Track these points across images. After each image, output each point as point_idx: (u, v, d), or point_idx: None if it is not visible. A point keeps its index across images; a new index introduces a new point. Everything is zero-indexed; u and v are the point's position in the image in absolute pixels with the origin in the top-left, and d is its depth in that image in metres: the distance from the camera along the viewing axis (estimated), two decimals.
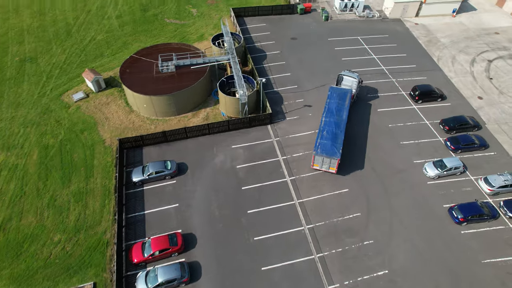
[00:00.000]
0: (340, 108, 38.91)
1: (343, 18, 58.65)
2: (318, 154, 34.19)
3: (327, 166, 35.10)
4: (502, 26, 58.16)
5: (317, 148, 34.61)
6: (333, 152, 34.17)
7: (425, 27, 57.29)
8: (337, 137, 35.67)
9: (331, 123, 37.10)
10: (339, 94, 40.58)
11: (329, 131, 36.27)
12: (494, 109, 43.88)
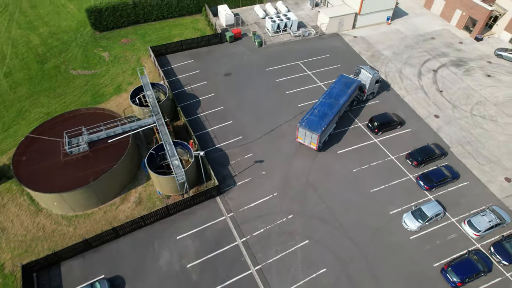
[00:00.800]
0: (340, 94, 39.31)
1: (278, 41, 52.99)
2: (302, 127, 35.90)
3: (309, 141, 36.62)
4: (436, 30, 56.56)
5: (303, 121, 36.37)
6: (316, 128, 35.48)
7: (365, 40, 53.72)
8: (326, 117, 36.74)
9: (326, 105, 38.03)
10: (345, 82, 40.86)
11: (321, 111, 37.42)
12: (453, 127, 41.04)
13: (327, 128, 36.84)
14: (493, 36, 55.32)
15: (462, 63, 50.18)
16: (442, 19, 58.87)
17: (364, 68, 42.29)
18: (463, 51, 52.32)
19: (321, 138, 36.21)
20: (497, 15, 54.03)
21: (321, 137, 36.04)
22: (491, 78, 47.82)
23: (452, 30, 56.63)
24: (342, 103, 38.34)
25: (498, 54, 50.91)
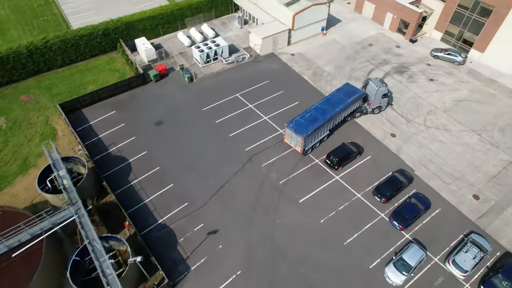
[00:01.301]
0: (338, 102, 38.07)
1: (210, 72, 47.22)
2: (289, 128, 35.46)
3: (295, 143, 36.19)
4: (372, 35, 54.66)
5: (291, 122, 35.91)
6: (302, 131, 34.80)
7: (303, 57, 49.95)
8: (316, 122, 35.86)
9: (320, 110, 37.15)
10: (347, 91, 39.38)
11: (313, 115, 36.60)
12: (412, 145, 38.64)
13: (315, 134, 35.97)
14: (425, 36, 54.70)
15: (404, 68, 48.50)
16: (374, 23, 57.19)
17: (372, 80, 40.26)
18: (402, 55, 50.78)
19: (306, 142, 35.38)
20: (426, 16, 53.32)
21: (306, 141, 35.22)
22: (434, 82, 46.58)
23: (387, 33, 55.11)
24: (337, 111, 37.09)
25: (435, 55, 50.06)
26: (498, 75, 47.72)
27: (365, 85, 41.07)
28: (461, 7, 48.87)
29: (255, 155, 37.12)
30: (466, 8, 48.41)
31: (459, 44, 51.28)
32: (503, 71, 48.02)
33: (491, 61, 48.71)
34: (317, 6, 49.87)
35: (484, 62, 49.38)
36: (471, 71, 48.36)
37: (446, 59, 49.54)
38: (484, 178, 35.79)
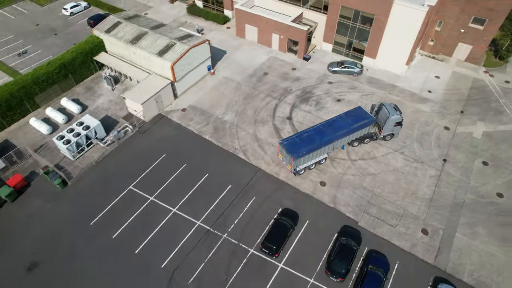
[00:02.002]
0: (342, 126, 35.41)
1: (87, 163, 36.70)
2: (282, 145, 33.72)
3: (286, 162, 35.03)
4: (264, 62, 49.51)
5: (285, 140, 34.00)
6: (293, 151, 32.83)
7: (197, 109, 42.35)
8: (311, 144, 33.58)
9: (319, 132, 34.75)
10: (356, 116, 36.44)
11: (310, 136, 34.34)
12: (345, 189, 34.50)
13: (310, 156, 33.80)
14: (317, 50, 51.74)
15: (308, 94, 44.49)
16: (262, 46, 52.26)
17: (385, 106, 37.23)
18: (301, 79, 46.75)
19: (297, 164, 33.45)
20: (311, 30, 50.18)
21: (297, 163, 33.27)
22: (341, 102, 43.53)
23: (279, 56, 50.63)
24: (338, 136, 34.66)
25: (333, 71, 47.22)
26: (395, 78, 46.88)
27: (378, 110, 38.31)
28: (344, 18, 46.54)
29: (176, 271, 28.82)
30: (348, 18, 46.20)
31: (351, 53, 49.36)
32: (398, 73, 47.42)
33: (385, 65, 47.73)
34: (196, 48, 42.51)
35: (379, 68, 48.25)
36: (370, 80, 46.66)
37: (345, 73, 47.07)
38: (424, 205, 33.45)
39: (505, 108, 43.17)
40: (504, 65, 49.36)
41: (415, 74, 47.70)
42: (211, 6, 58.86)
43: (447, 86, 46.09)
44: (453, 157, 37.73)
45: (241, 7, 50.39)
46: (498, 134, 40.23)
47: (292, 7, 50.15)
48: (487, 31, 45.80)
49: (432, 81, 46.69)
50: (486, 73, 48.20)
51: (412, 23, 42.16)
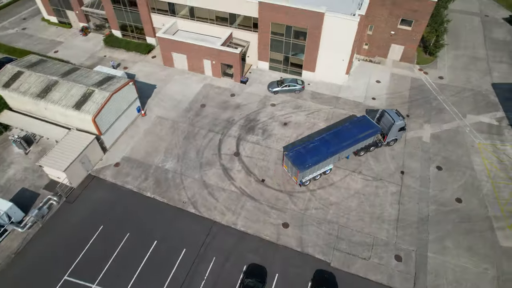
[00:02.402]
0: (348, 136, 35.01)
1: (4, 256, 30.06)
2: (287, 157, 33.17)
3: (291, 174, 34.36)
4: (199, 91, 45.27)
5: (291, 151, 33.55)
6: (299, 163, 32.35)
7: (132, 161, 37.11)
8: (317, 155, 33.15)
9: (325, 143, 34.36)
10: (362, 126, 36.02)
11: (316, 147, 33.94)
12: (310, 227, 31.92)
13: (315, 168, 33.27)
14: (253, 69, 48.71)
15: (252, 123, 41.31)
16: (195, 74, 48.00)
17: (388, 112, 36.84)
18: (242, 105, 43.42)
19: (303, 176, 32.88)
20: (242, 47, 46.94)
21: (302, 175, 32.67)
22: (288, 125, 41.00)
23: (214, 82, 46.77)
24: (344, 147, 34.31)
25: (274, 91, 44.53)
26: (337, 89, 45.45)
27: (380, 117, 37.57)
28: (276, 34, 43.94)
29: None
30: (281, 34, 43.70)
31: (289, 68, 47.06)
32: (339, 84, 46.06)
33: (325, 77, 46.11)
34: (118, 92, 37.23)
35: (320, 80, 46.52)
36: (313, 95, 44.73)
37: (287, 91, 44.63)
38: (392, 228, 32.00)
39: (445, 106, 43.61)
40: (435, 61, 50.28)
41: (356, 81, 46.70)
42: (131, 35, 53.19)
43: (389, 90, 45.65)
44: (409, 167, 36.91)
45: (164, 35, 45.66)
46: (444, 134, 40.30)
47: (220, 28, 46.52)
48: (415, 31, 46.02)
49: (374, 87, 45.99)
50: (421, 70, 48.69)
51: (346, 34, 40.73)
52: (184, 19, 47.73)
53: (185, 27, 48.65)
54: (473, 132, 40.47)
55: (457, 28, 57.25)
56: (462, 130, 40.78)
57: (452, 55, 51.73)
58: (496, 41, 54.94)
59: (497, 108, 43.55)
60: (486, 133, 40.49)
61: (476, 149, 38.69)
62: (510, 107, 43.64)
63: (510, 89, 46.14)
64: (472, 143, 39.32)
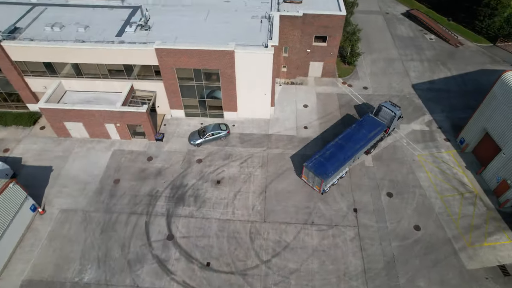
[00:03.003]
0: (360, 138, 35.85)
1: None
2: (307, 168, 33.32)
3: (313, 183, 34.22)
4: (109, 162, 37.42)
5: (310, 162, 33.74)
6: (322, 172, 32.72)
7: (36, 285, 28.67)
8: (337, 161, 33.65)
9: (340, 147, 34.95)
10: (370, 125, 37.13)
11: (333, 153, 34.44)
12: None
13: (336, 174, 33.48)
14: (168, 120, 42.20)
15: (180, 190, 35.08)
16: (100, 140, 39.88)
17: (384, 105, 38.25)
18: (164, 169, 36.84)
19: (326, 183, 33.07)
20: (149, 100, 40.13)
21: (326, 183, 33.01)
22: (222, 182, 35.70)
23: (124, 146, 39.21)
24: (358, 149, 35.13)
25: (197, 144, 38.73)
26: (266, 125, 41.23)
27: (378, 112, 38.67)
28: (184, 79, 38.04)
29: None
30: (190, 79, 37.93)
31: (208, 111, 41.57)
32: (267, 118, 41.93)
33: (251, 114, 41.63)
34: None
35: (245, 118, 41.89)
36: (242, 138, 39.92)
37: (211, 141, 39.18)
38: (361, 283, 28.79)
39: None
40: (355, 70, 48.84)
41: (284, 111, 42.99)
42: (6, 104, 42.86)
43: (319, 113, 42.75)
44: (360, 202, 34.19)
45: (47, 105, 36.85)
46: (384, 153, 38.54)
47: (117, 81, 39.10)
48: (331, 46, 43.65)
49: (303, 113, 42.70)
50: (345, 83, 46.78)
51: (263, 67, 36.46)
52: (70, 78, 39.28)
53: (74, 86, 40.17)
54: (410, 144, 39.33)
55: (366, 30, 56.84)
56: (399, 144, 39.42)
57: (369, 61, 50.84)
58: (401, 38, 55.64)
59: (423, 111, 43.24)
60: (421, 142, 39.65)
61: (417, 163, 37.49)
62: (433, 108, 43.68)
63: (428, 88, 46.42)
64: (412, 157, 38.08)
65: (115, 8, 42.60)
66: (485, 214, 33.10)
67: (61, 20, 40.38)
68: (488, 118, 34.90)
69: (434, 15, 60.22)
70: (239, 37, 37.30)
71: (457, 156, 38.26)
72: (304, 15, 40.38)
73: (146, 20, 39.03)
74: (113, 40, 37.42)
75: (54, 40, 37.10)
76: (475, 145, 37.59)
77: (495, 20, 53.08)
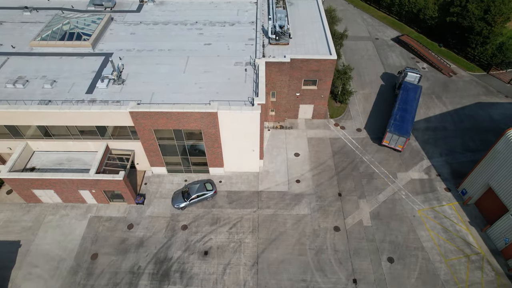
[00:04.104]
0: (412, 99, 43.75)
1: None
2: (391, 132, 39.67)
3: (395, 143, 40.35)
4: (85, 232, 33.93)
5: (391, 126, 40.15)
6: (404, 132, 39.48)
7: None
8: (408, 120, 41.08)
9: (404, 110, 42.26)
10: (412, 88, 45.08)
11: (402, 116, 41.46)
12: None
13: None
14: (150, 179, 38.77)
15: (165, 264, 31.86)
16: (74, 205, 36.31)
17: (409, 70, 46.62)
18: (146, 239, 33.47)
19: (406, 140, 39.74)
20: (127, 159, 36.72)
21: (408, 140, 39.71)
22: (211, 253, 32.59)
23: (102, 212, 35.66)
24: (415, 108, 42.90)
25: (181, 207, 35.53)
26: (255, 180, 38.29)
27: (404, 76, 46.97)
28: (164, 139, 34.79)
29: None
30: (171, 139, 34.71)
31: (193, 168, 38.44)
32: (256, 171, 38.98)
33: (238, 168, 38.70)
34: None
35: (232, 172, 38.92)
36: (230, 197, 36.89)
37: (197, 202, 36.08)
38: None
39: (373, 168, 39.57)
40: (347, 109, 46.27)
41: (274, 161, 40.14)
42: None
43: (311, 163, 40.02)
44: (360, 270, 31.62)
45: (11, 174, 33.13)
46: (383, 209, 36.07)
47: (91, 141, 35.59)
48: (321, 89, 40.91)
49: (294, 164, 39.92)
50: (337, 125, 44.13)
51: (250, 126, 33.46)
52: (37, 139, 35.61)
53: (43, 147, 36.51)
54: (409, 197, 36.97)
55: (356, 60, 54.40)
56: (398, 196, 37.02)
57: (361, 96, 48.36)
58: (392, 67, 53.29)
59: (421, 155, 40.96)
60: (421, 193, 37.32)
61: (418, 219, 35.14)
62: (431, 151, 41.46)
63: (425, 128, 44.19)
64: (412, 212, 35.71)
65: (85, 56, 38.98)
66: (494, 281, 30.90)
67: (25, 72, 36.72)
68: (492, 174, 32.69)
69: (425, 40, 58.06)
70: (222, 89, 34.27)
71: (459, 209, 36.06)
72: (292, 60, 37.52)
73: (119, 73, 35.58)
74: (83, 98, 33.91)
75: (17, 100, 33.40)
76: (478, 197, 35.44)
77: (487, 48, 51.16)
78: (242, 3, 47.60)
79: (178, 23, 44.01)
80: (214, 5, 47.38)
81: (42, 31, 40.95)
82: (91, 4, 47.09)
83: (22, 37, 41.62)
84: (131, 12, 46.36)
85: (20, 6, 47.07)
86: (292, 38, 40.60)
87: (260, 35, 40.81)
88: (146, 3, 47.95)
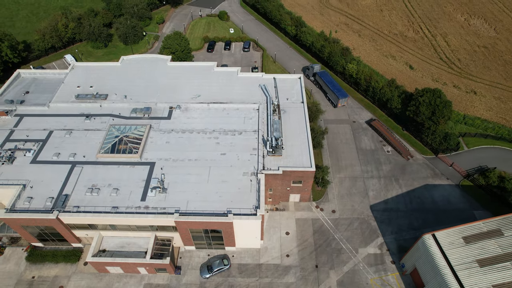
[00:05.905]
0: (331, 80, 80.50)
1: None
2: (341, 98, 76.00)
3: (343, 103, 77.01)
4: None
5: (340, 96, 76.64)
6: (346, 95, 77.40)
7: None
8: (342, 89, 78.54)
9: (334, 85, 78.04)
10: (324, 73, 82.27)
11: (338, 88, 77.62)
12: None
13: None
14: (181, 252, 54.89)
15: None
16: (132, 275, 52.57)
17: (313, 65, 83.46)
18: None
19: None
20: (168, 242, 52.68)
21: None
22: None
23: (150, 279, 51.94)
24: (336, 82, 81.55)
25: (207, 277, 51.60)
26: (257, 254, 54.15)
27: (312, 69, 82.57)
28: (195, 232, 50.75)
29: None
30: (199, 232, 50.66)
31: (213, 246, 54.37)
32: (257, 247, 54.81)
33: (245, 245, 54.53)
34: None
35: (241, 249, 54.76)
36: (240, 268, 52.79)
37: (218, 273, 52.02)
38: None
39: (342, 245, 55.32)
40: (326, 192, 61.95)
41: (270, 239, 55.95)
42: (54, 244, 55.00)
43: (298, 240, 55.82)
44: None
45: (93, 259, 49.24)
46: (346, 278, 51.79)
47: (145, 232, 51.55)
48: (305, 185, 56.63)
49: (285, 241, 55.71)
50: (318, 207, 59.90)
51: (254, 227, 49.35)
52: (107, 230, 51.65)
53: (109, 233, 52.57)
54: (365, 268, 52.72)
55: (336, 144, 69.71)
56: (357, 268, 52.79)
57: (337, 180, 63.91)
58: (365, 151, 68.72)
59: (377, 234, 56.63)
60: (373, 265, 53.06)
61: (370, 287, 50.90)
62: (385, 230, 57.05)
63: (383, 209, 59.74)
64: (366, 280, 51.49)
65: (136, 165, 54.66)
66: None
67: (96, 180, 52.60)
68: (416, 260, 48.47)
69: (392, 124, 73.44)
70: (235, 198, 49.98)
71: (399, 278, 51.78)
72: (284, 172, 53.19)
73: (162, 183, 51.38)
74: (139, 205, 49.86)
75: (94, 206, 49.36)
76: (411, 271, 51.19)
77: (436, 137, 66.44)
78: (247, 110, 62.99)
79: (200, 131, 59.50)
80: (226, 112, 62.90)
81: (103, 144, 56.62)
82: (134, 111, 62.76)
83: (88, 146, 57.35)
84: (164, 119, 61.85)
85: (80, 113, 62.79)
86: (284, 149, 56.15)
87: (261, 146, 56.39)
88: (175, 109, 63.46)
